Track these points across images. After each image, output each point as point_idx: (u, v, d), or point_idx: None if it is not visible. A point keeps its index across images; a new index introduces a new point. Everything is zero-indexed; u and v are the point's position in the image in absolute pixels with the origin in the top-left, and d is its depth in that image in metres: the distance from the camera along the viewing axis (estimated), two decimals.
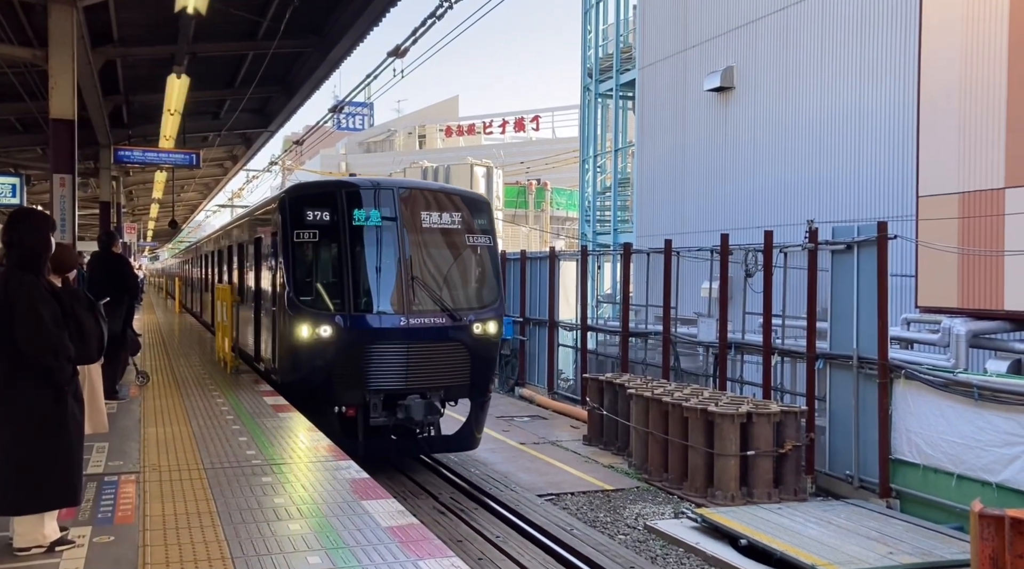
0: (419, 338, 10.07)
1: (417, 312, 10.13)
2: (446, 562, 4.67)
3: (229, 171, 31.23)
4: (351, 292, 10.09)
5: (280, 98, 18.31)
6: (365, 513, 5.56)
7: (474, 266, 11.04)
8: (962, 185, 11.57)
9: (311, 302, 10.13)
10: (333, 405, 10.08)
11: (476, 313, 10.55)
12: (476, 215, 10.99)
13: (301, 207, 10.24)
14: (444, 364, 10.32)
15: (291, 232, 10.10)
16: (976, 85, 11.44)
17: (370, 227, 10.30)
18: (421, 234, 10.55)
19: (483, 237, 10.98)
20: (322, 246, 10.38)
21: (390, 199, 10.47)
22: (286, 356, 10.38)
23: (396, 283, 10.27)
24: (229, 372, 12.64)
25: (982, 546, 7.08)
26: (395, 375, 10.04)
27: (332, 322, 9.88)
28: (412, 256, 10.40)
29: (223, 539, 4.99)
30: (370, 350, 9.93)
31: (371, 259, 10.30)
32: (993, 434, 9.24)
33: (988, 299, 11.21)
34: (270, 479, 6.40)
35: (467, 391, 10.68)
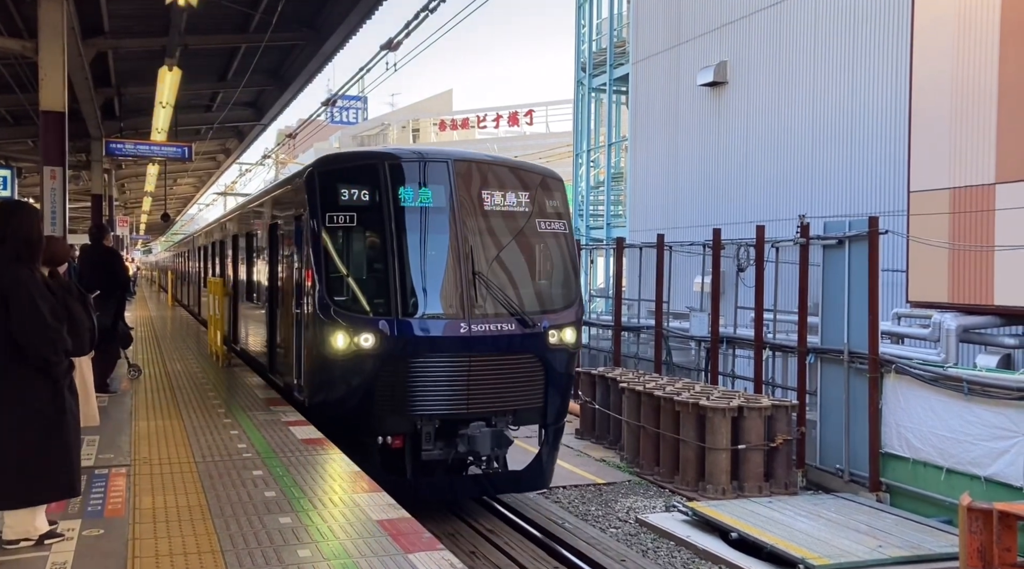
0: (483, 349, 8.15)
1: (480, 317, 8.18)
2: (437, 556, 4.68)
3: (222, 164, 31.13)
4: (398, 291, 8.12)
5: (273, 91, 18.26)
6: (356, 506, 5.57)
7: (547, 258, 9.09)
8: (953, 181, 11.61)
9: (347, 304, 8.16)
10: (375, 434, 8.18)
11: (551, 317, 8.58)
12: (548, 195, 9.01)
13: (334, 184, 8.29)
14: (513, 382, 8.40)
15: (322, 215, 8.17)
16: (967, 81, 11.47)
17: (420, 209, 8.38)
18: (483, 218, 8.59)
19: (557, 223, 8.99)
20: (361, 233, 8.45)
21: (444, 174, 8.51)
22: (315, 371, 8.47)
23: (454, 280, 8.31)
24: (221, 366, 12.62)
25: (970, 539, 7.14)
26: (454, 396, 8.14)
27: (375, 329, 7.92)
28: (473, 246, 8.40)
29: (213, 532, 4.99)
30: (423, 364, 8.01)
31: (422, 249, 8.40)
32: (982, 428, 9.29)
33: (978, 294, 11.26)
34: (261, 473, 6.40)
35: (540, 415, 8.70)
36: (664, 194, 21.75)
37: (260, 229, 11.74)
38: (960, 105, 11.52)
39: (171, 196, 35.72)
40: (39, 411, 4.52)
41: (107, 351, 9.65)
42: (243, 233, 13.40)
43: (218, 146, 26.78)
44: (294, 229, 9.12)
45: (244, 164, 38.31)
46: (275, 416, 8.67)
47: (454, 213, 8.42)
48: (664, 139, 22.21)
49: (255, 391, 10.35)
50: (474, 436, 8.10)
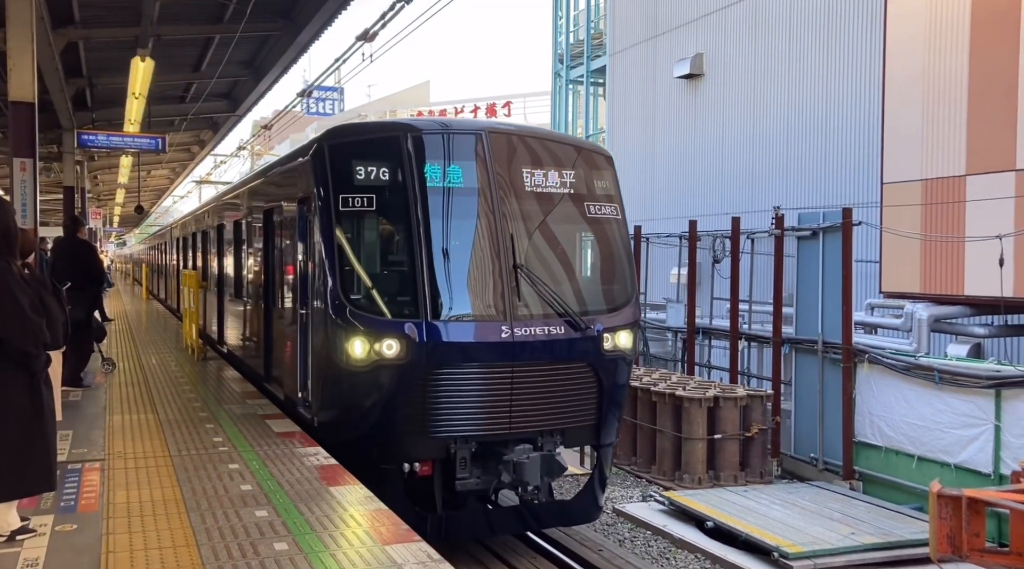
0: (528, 357, 6.97)
1: (524, 318, 7.01)
2: (414, 547, 4.69)
3: (197, 156, 30.82)
4: (426, 288, 6.87)
5: (248, 82, 18.08)
6: (333, 498, 5.56)
7: (598, 249, 7.96)
8: (925, 172, 11.76)
9: (366, 304, 6.91)
10: (399, 460, 6.95)
11: (605, 319, 7.41)
12: (598, 175, 7.85)
13: (348, 160, 7.03)
14: (562, 395, 7.21)
15: (334, 198, 6.92)
16: (939, 74, 11.61)
17: (451, 190, 7.16)
18: (524, 201, 7.37)
19: (608, 207, 7.82)
20: (380, 219, 7.27)
21: (478, 148, 7.30)
22: (325, 384, 7.24)
23: (492, 274, 7.09)
24: (197, 359, 12.53)
25: (940, 525, 7.26)
26: (494, 413, 6.94)
27: (399, 334, 6.70)
28: (514, 233, 7.19)
29: (188, 526, 4.97)
30: (457, 376, 6.84)
31: (454, 238, 7.19)
32: (952, 416, 9.44)
33: (949, 284, 11.42)
34: (237, 466, 6.38)
35: (593, 434, 7.51)
36: (641, 186, 21.84)
37: (253, 216, 10.48)
38: (932, 98, 11.66)
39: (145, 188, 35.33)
40: (17, 405, 4.48)
41: (80, 345, 9.56)
42: (231, 221, 12.13)
43: (192, 137, 26.50)
44: (298, 215, 7.87)
45: (219, 155, 37.97)
46: (251, 410, 8.62)
47: (491, 194, 7.17)
48: (641, 131, 22.28)
49: (231, 384, 10.29)
50: (521, 463, 6.83)
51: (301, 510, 5.30)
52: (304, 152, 7.83)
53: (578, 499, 7.96)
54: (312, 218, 7.31)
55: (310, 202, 7.38)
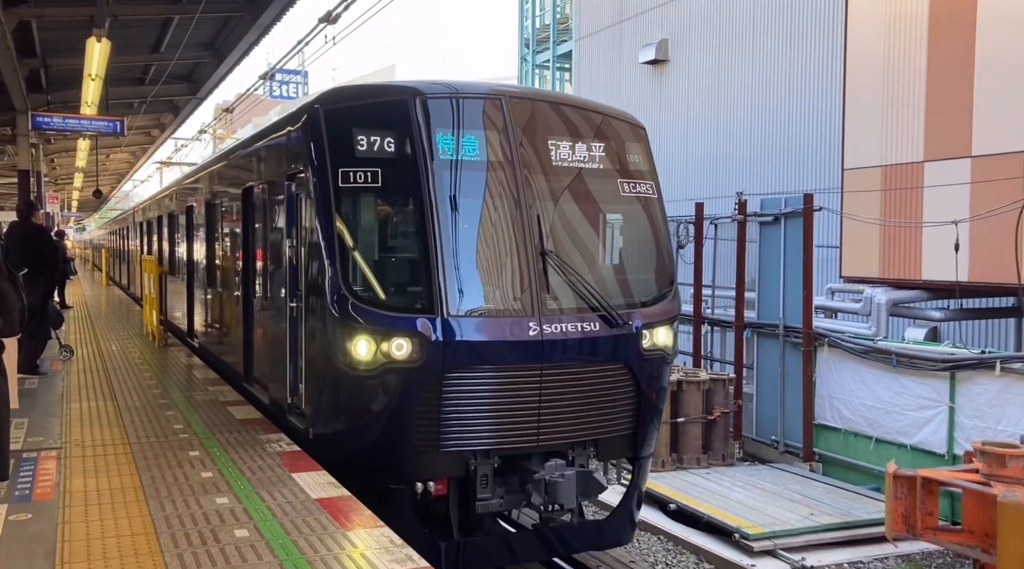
0: (559, 357, 6.11)
1: (554, 313, 6.14)
2: (376, 533, 4.69)
3: (157, 139, 30.29)
4: (442, 278, 5.96)
5: (209, 64, 17.77)
6: (295, 485, 5.53)
7: (634, 232, 7.13)
8: (885, 158, 11.94)
9: (372, 296, 6.03)
10: (410, 478, 6.00)
11: (644, 314, 6.58)
12: (632, 148, 7.01)
13: (348, 128, 6.10)
14: (596, 401, 6.36)
15: (332, 172, 6.01)
16: (898, 62, 11.77)
17: (469, 164, 6.27)
18: (551, 178, 6.51)
19: (644, 184, 6.97)
20: (387, 196, 6.36)
21: (498, 116, 6.41)
22: (323, 390, 6.34)
23: (518, 262, 6.21)
24: (157, 346, 12.36)
25: (896, 505, 7.42)
26: (520, 423, 6.07)
27: (411, 332, 5.80)
28: (541, 214, 6.33)
29: (147, 514, 4.91)
30: (478, 380, 5.95)
31: (473, 220, 6.32)
32: (909, 399, 9.63)
33: (907, 269, 11.63)
34: (198, 453, 6.31)
35: (629, 445, 6.66)
36: None
37: (229, 196, 9.58)
38: (892, 85, 11.83)
39: (104, 172, 34.66)
40: None
41: (36, 331, 9.38)
42: (202, 203, 11.11)
43: (152, 120, 26.02)
44: (286, 193, 6.91)
45: (180, 139, 37.35)
46: (213, 396, 8.53)
47: (514, 170, 6.30)
48: None
49: (192, 371, 10.17)
50: (554, 482, 5.95)
51: (263, 497, 5.27)
52: (294, 119, 6.80)
53: (612, 519, 6.96)
54: (305, 196, 6.41)
55: (302, 178, 6.48)
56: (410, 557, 4.32)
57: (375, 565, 4.21)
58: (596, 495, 6.65)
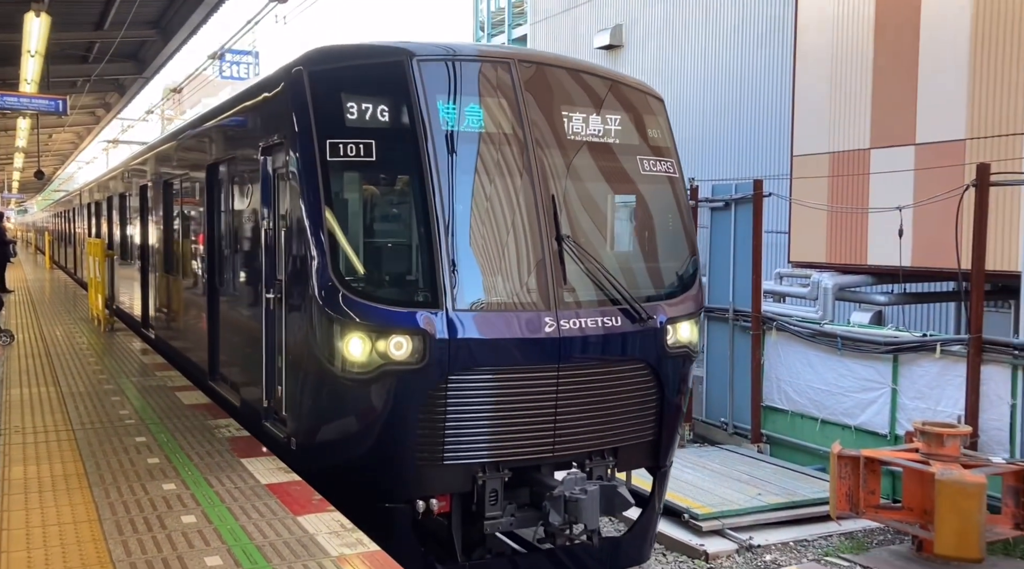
0: (577, 356, 5.53)
1: (572, 307, 5.56)
2: (327, 517, 4.67)
3: (102, 119, 29.50)
4: (446, 267, 5.31)
5: (156, 43, 17.31)
6: (244, 470, 5.48)
7: (655, 216, 6.50)
8: (832, 146, 12.16)
9: (366, 288, 5.37)
10: (410, 495, 5.37)
11: (667, 307, 5.99)
12: (651, 122, 6.39)
13: (336, 93, 5.42)
14: (617, 404, 5.79)
15: (319, 144, 5.32)
16: (846, 51, 11.98)
17: (474, 136, 5.60)
18: (567, 153, 5.88)
19: (664, 162, 6.35)
20: (383, 174, 5.72)
21: (506, 82, 5.74)
22: (310, 396, 5.67)
23: (532, 249, 5.59)
24: (103, 331, 12.10)
25: (840, 484, 7.61)
26: (534, 430, 5.45)
27: (412, 328, 5.18)
28: (555, 195, 5.70)
29: (91, 501, 4.82)
30: (488, 383, 5.34)
31: (481, 200, 5.62)
32: (853, 381, 9.87)
33: (853, 254, 11.89)
34: (144, 439, 6.21)
35: (651, 454, 6.10)
36: None
37: (191, 173, 8.86)
38: (839, 74, 12.04)
39: (46, 152, 33.68)
40: None
41: None
42: (159, 182, 10.32)
43: (97, 100, 25.32)
44: (261, 169, 6.19)
45: (126, 120, 36.43)
46: (161, 382, 8.39)
47: (526, 144, 5.67)
48: None
49: (139, 356, 9.98)
50: (576, 499, 5.28)
51: (211, 482, 5.21)
52: (271, 84, 6.11)
53: (630, 536, 6.32)
54: (285, 172, 5.73)
55: (282, 151, 5.78)
56: (360, 541, 4.32)
57: (325, 550, 4.19)
58: (621, 512, 6.00)
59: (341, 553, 4.15)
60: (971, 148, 10.28)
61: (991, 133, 10.24)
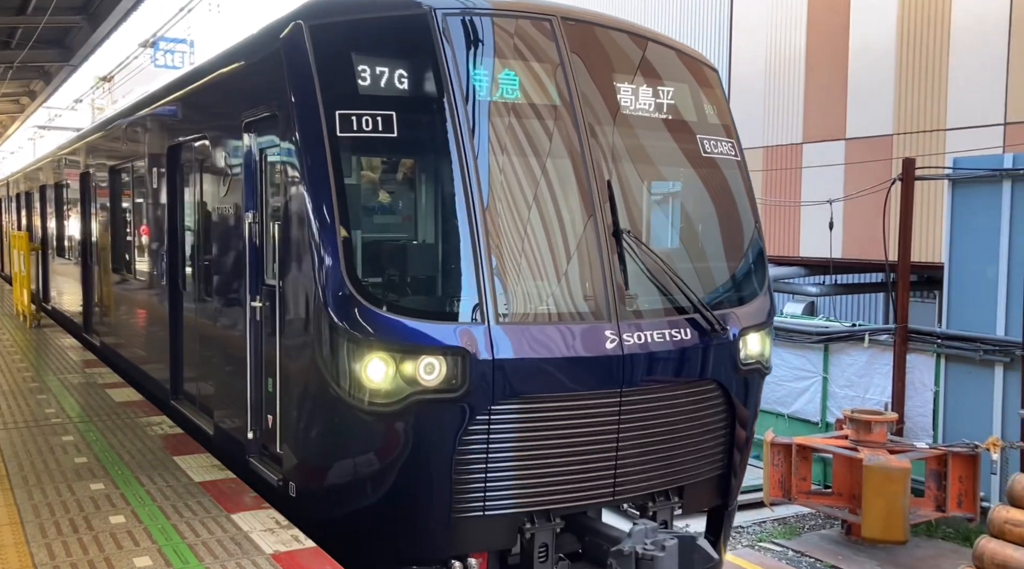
0: (642, 377, 4.59)
1: (634, 318, 4.62)
2: (262, 514, 4.59)
3: (27, 108, 28.46)
4: (486, 269, 4.30)
5: (83, 29, 16.76)
6: (177, 468, 5.35)
7: (719, 206, 5.51)
8: (767, 140, 12.42)
9: (388, 297, 4.41)
10: (442, 553, 4.38)
11: (738, 314, 5.06)
12: (710, 96, 5.49)
13: (345, 52, 4.41)
14: (685, 433, 4.85)
15: (326, 116, 4.29)
16: (780, 48, 12.24)
17: (515, 108, 4.63)
18: (620, 131, 4.93)
19: (725, 143, 5.42)
20: (405, 153, 4.81)
21: (549, 44, 4.77)
22: (316, 429, 4.63)
23: (586, 247, 4.62)
24: (29, 327, 11.70)
25: (772, 471, 7.81)
26: (592, 468, 4.51)
27: (447, 347, 4.19)
28: (611, 181, 4.71)
29: (12, 503, 4.65)
30: (539, 414, 4.36)
31: (527, 187, 4.64)
32: (787, 370, 10.11)
33: (787, 246, 12.17)
34: (72, 438, 6.02)
35: (720, 490, 5.19)
36: None
37: (148, 156, 7.58)
38: (774, 69, 12.29)
39: None
40: None
41: None
42: (105, 168, 9.20)
43: (21, 88, 24.42)
44: (245, 148, 5.16)
45: (54, 109, 35.21)
46: (90, 379, 8.14)
47: (575, 117, 4.69)
48: None
49: (67, 353, 9.67)
50: (652, 557, 4.25)
51: (142, 481, 5.08)
52: (258, 44, 5.14)
53: None
54: (280, 152, 4.70)
55: (273, 126, 4.76)
56: (296, 538, 4.26)
57: (259, 547, 4.13)
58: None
59: (276, 550, 4.09)
60: (898, 143, 10.62)
61: (917, 129, 10.58)
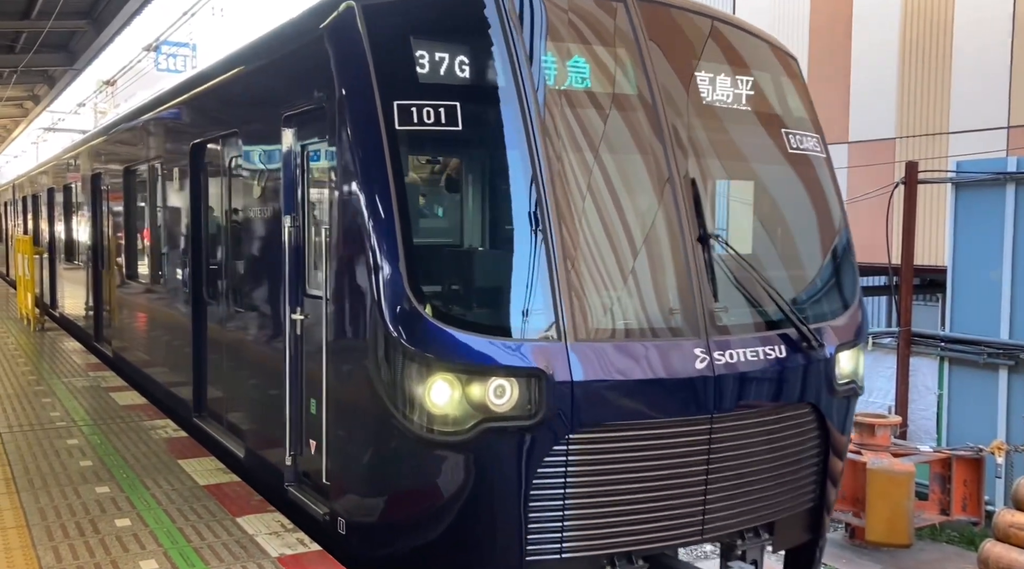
0: (735, 400, 4.18)
1: (725, 333, 4.22)
2: (267, 517, 4.61)
3: (31, 112, 28.54)
4: (562, 278, 3.91)
5: (87, 33, 16.81)
6: (182, 472, 5.37)
7: (808, 208, 5.07)
8: None
9: (453, 311, 4.06)
10: None
11: (832, 327, 4.63)
12: (789, 88, 5.10)
13: (403, 36, 4.02)
14: (777, 462, 4.40)
15: (383, 107, 3.91)
16: None
17: (593, 98, 4.28)
18: (703, 125, 4.55)
19: (811, 139, 5.03)
20: (471, 149, 4.63)
21: (624, 27, 4.41)
22: (369, 458, 4.24)
23: (671, 254, 4.22)
24: (33, 330, 11.73)
25: None
26: (679, 503, 4.10)
27: (520, 368, 3.79)
28: (695, 179, 4.34)
29: (19, 506, 4.67)
30: (624, 442, 3.95)
31: (603, 186, 4.24)
32: None
33: None
34: (77, 441, 6.04)
35: (812, 523, 4.74)
36: None
37: (166, 157, 7.33)
38: None
39: None
40: None
41: None
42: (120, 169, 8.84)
43: (25, 92, 24.49)
44: (285, 145, 4.78)
45: (57, 112, 35.29)
46: (94, 382, 8.16)
47: (655, 108, 4.30)
48: None
49: (72, 356, 9.70)
50: None
51: (147, 485, 5.09)
52: (299, 30, 4.72)
53: None
54: (328, 148, 4.30)
55: (319, 120, 4.34)
56: (302, 541, 4.27)
57: (265, 550, 4.14)
58: None
59: (282, 553, 4.10)
60: (901, 146, 10.63)
61: (920, 132, 10.59)
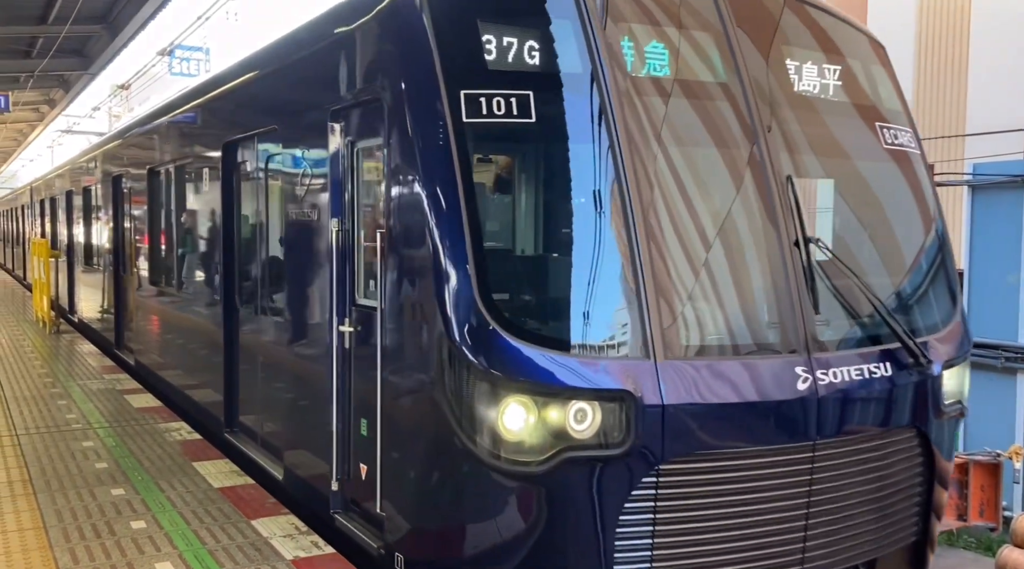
0: (842, 424, 3.80)
1: (827, 349, 3.83)
2: (282, 520, 4.61)
3: (47, 116, 28.77)
4: (651, 291, 3.51)
5: (102, 38, 16.94)
6: (197, 474, 5.39)
7: (907, 211, 4.64)
8: None
9: (528, 325, 3.57)
10: None
11: (937, 342, 4.23)
12: (880, 78, 4.70)
13: (468, 19, 3.65)
14: (880, 493, 4.00)
15: (449, 98, 3.53)
16: None
17: (681, 89, 3.90)
18: (796, 117, 4.15)
19: (904, 133, 4.62)
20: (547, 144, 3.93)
21: (710, 13, 4.01)
22: (439, 492, 3.76)
23: (767, 261, 3.84)
24: (49, 332, 11.81)
25: None
26: (777, 538, 3.71)
27: (604, 391, 3.38)
28: (791, 177, 3.95)
29: (36, 508, 4.69)
30: (718, 473, 3.56)
31: (693, 187, 3.88)
32: None
33: None
34: (92, 443, 6.06)
35: (915, 561, 4.34)
36: None
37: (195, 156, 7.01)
38: None
39: None
40: None
41: None
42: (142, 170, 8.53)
43: (41, 96, 24.69)
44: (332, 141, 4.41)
45: (72, 116, 35.56)
46: (109, 384, 8.21)
47: (746, 100, 3.94)
48: None
49: (87, 359, 9.75)
50: None
51: (162, 487, 5.11)
52: (351, 13, 4.28)
53: None
54: (384, 143, 3.89)
55: (373, 113, 4.00)
56: (316, 544, 4.27)
57: (279, 553, 4.14)
58: None
59: (296, 556, 4.10)
60: None
61: (936, 134, 10.51)
